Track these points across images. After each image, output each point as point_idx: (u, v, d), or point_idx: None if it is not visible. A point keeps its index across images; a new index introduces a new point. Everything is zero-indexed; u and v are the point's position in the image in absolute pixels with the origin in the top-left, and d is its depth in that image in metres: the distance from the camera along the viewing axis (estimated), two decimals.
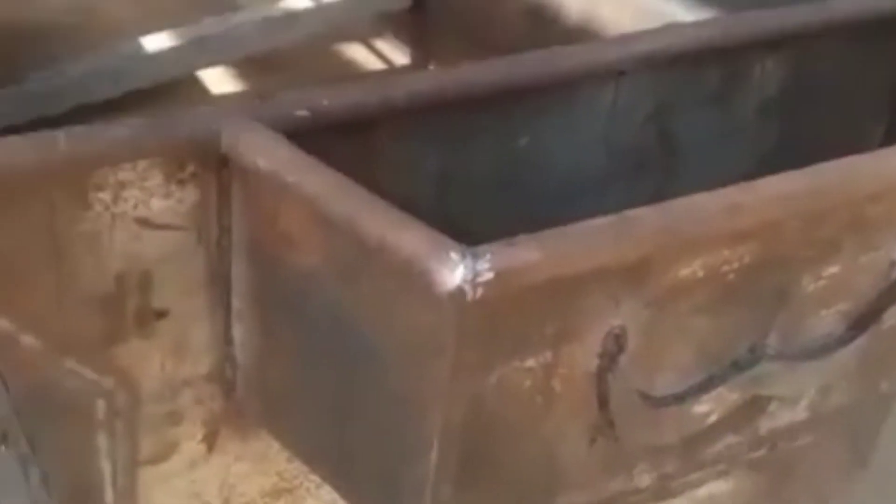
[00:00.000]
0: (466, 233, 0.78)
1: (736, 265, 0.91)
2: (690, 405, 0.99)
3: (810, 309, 1.01)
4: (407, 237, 0.75)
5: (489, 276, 0.72)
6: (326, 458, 0.98)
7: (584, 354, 0.88)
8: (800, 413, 1.12)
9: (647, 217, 0.80)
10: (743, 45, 1.15)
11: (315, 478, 1.14)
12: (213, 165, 0.89)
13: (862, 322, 1.05)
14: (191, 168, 0.89)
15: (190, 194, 0.90)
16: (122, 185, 0.86)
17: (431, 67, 2.05)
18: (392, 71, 2.00)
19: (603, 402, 0.92)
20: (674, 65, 1.11)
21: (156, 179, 0.87)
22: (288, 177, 0.81)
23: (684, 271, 0.88)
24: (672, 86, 1.14)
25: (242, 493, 1.10)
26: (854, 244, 0.98)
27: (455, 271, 0.72)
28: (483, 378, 0.83)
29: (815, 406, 1.12)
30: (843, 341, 1.05)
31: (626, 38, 1.11)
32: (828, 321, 1.04)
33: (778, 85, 1.22)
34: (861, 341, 1.06)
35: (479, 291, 0.72)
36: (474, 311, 0.75)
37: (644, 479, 1.07)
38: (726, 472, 1.50)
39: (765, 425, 1.09)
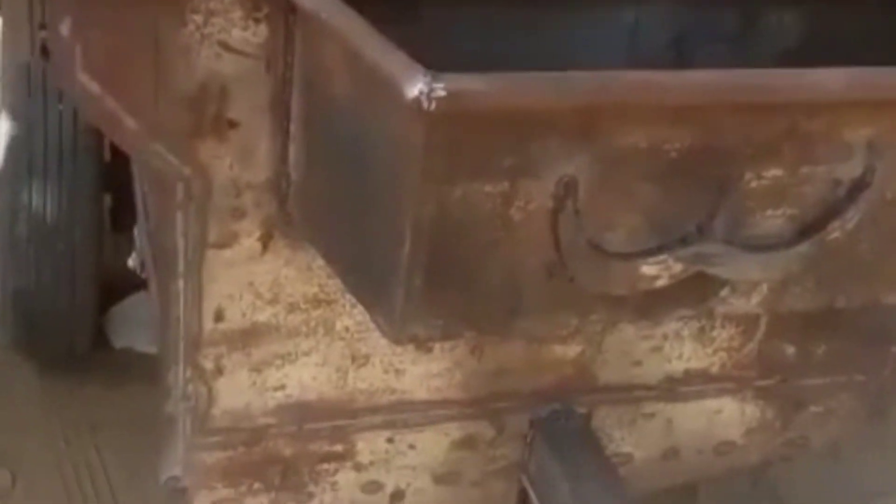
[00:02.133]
0: None
1: (678, 145, 1.11)
2: (638, 265, 1.19)
3: (756, 205, 1.19)
4: (390, 60, 1.00)
5: (441, 93, 0.96)
6: (343, 258, 1.24)
7: (540, 193, 1.10)
8: (753, 306, 1.30)
9: (586, 76, 1.02)
10: None
11: (350, 298, 1.41)
12: (282, 10, 1.16)
13: (806, 229, 1.23)
14: (265, 10, 1.16)
15: (263, 30, 1.17)
16: (212, 13, 1.15)
17: None
18: None
19: (556, 242, 1.15)
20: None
21: (237, 13, 1.15)
22: (323, 14, 1.07)
23: (629, 138, 1.09)
24: (691, 19, 1.34)
25: (290, 294, 1.38)
26: (793, 153, 1.16)
27: (416, 85, 0.96)
28: (448, 189, 1.06)
29: (769, 303, 1.30)
30: (787, 243, 1.23)
31: None
32: (775, 222, 1.22)
33: (796, 37, 1.40)
34: (805, 248, 1.23)
35: (433, 104, 0.96)
36: (434, 123, 0.99)
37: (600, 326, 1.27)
38: (737, 391, 1.69)
39: (718, 308, 1.28)
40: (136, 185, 1.96)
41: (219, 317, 1.35)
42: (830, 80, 1.13)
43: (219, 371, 1.39)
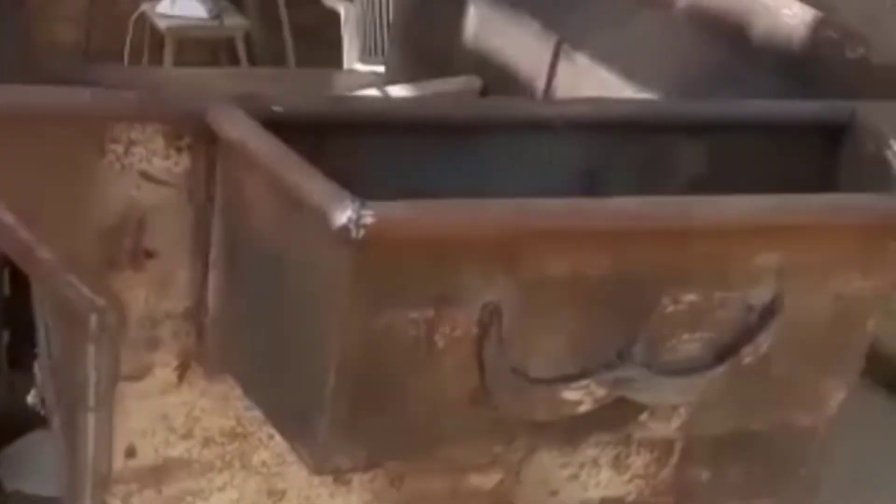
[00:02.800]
0: None
1: (597, 272, 1.14)
2: (560, 390, 1.20)
3: (673, 329, 1.22)
4: (319, 189, 1.00)
5: (370, 220, 0.97)
6: (264, 392, 1.22)
7: (464, 320, 1.11)
8: (672, 431, 1.32)
9: (501, 204, 1.04)
10: (665, 127, 1.39)
11: (268, 430, 1.38)
12: (204, 140, 1.16)
13: (721, 354, 1.26)
14: (187, 140, 1.16)
15: (184, 160, 1.17)
16: (132, 143, 1.14)
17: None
18: None
19: (481, 369, 1.15)
20: (601, 132, 1.35)
21: (158, 143, 1.15)
22: (248, 143, 1.08)
23: (550, 265, 1.11)
24: (601, 151, 1.38)
25: (205, 427, 1.34)
26: (707, 278, 1.19)
27: (345, 212, 0.97)
28: (373, 318, 1.06)
29: (687, 428, 1.32)
30: (704, 367, 1.26)
31: (558, 101, 1.36)
32: (691, 346, 1.25)
33: (702, 167, 1.45)
34: (720, 371, 1.26)
35: (362, 232, 0.97)
36: (362, 250, 1.00)
37: (521, 454, 1.27)
38: None
39: (637, 433, 1.30)
40: (37, 319, 1.91)
41: (130, 453, 1.31)
42: (741, 206, 1.17)
43: None
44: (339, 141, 1.21)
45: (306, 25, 4.34)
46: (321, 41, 4.20)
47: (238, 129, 1.10)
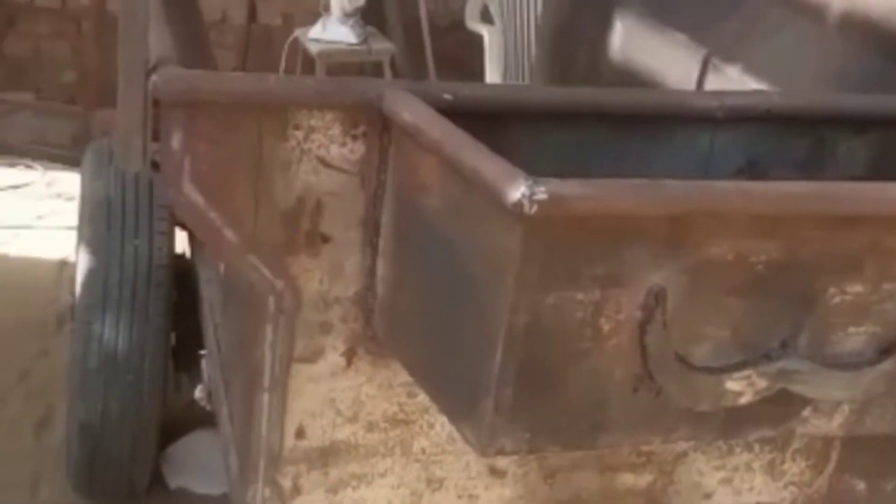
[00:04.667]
0: None
1: (763, 258, 1.14)
2: (723, 380, 1.20)
3: (838, 322, 1.21)
4: (491, 166, 1.04)
5: (543, 196, 1.00)
6: (430, 371, 1.25)
7: (629, 303, 1.12)
8: (834, 428, 1.30)
9: (674, 184, 1.06)
10: (829, 121, 1.38)
11: (429, 418, 1.42)
12: (378, 128, 1.21)
13: (888, 348, 1.24)
14: (362, 128, 1.22)
15: (359, 147, 1.22)
16: (312, 129, 1.20)
17: None
18: None
19: (644, 353, 1.16)
20: (764, 124, 1.36)
21: (336, 130, 1.21)
22: (423, 126, 1.12)
23: (716, 249, 1.12)
24: (762, 145, 1.38)
25: (370, 412, 1.39)
26: (875, 268, 1.18)
27: (518, 189, 1.00)
28: (542, 296, 1.09)
29: (850, 425, 1.30)
30: (870, 362, 1.24)
31: (720, 92, 1.37)
32: (857, 339, 1.23)
33: (864, 164, 1.44)
34: (888, 366, 1.24)
35: (535, 208, 1.00)
36: (534, 227, 1.03)
37: (683, 446, 1.27)
38: None
39: (799, 428, 1.28)
40: (205, 320, 2.00)
41: (300, 434, 1.36)
42: None
43: (297, 491, 1.39)
44: (505, 128, 1.25)
45: (448, 51, 4.43)
46: (463, 66, 4.28)
47: (413, 113, 1.15)
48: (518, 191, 1.01)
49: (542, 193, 1.00)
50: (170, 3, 1.57)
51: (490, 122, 1.24)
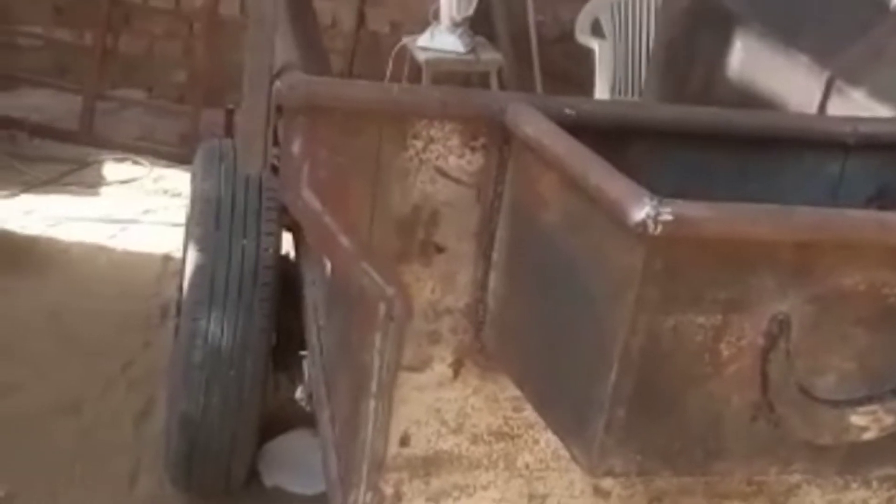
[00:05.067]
0: None
1: (895, 289, 1.10)
2: (847, 414, 1.16)
3: None
4: (615, 185, 1.02)
5: (668, 217, 0.97)
6: (539, 387, 1.23)
7: (752, 330, 1.09)
8: None
9: (806, 211, 1.02)
10: None
11: (534, 433, 1.40)
12: (498, 141, 1.20)
13: None
14: (482, 140, 1.20)
15: (478, 159, 1.21)
16: (431, 139, 1.19)
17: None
18: None
19: (765, 382, 1.12)
20: (894, 151, 1.31)
21: (455, 141, 1.20)
22: (546, 141, 1.10)
23: (847, 280, 1.08)
24: (893, 173, 1.33)
25: (474, 424, 1.37)
26: None
27: (643, 208, 0.98)
28: (662, 318, 1.06)
29: None
30: None
31: (853, 118, 1.32)
32: None
33: None
34: None
35: (659, 228, 0.97)
36: (657, 248, 1.00)
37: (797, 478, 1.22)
38: None
39: None
40: (308, 321, 2.01)
41: (404, 441, 1.36)
42: None
43: (398, 498, 1.38)
44: (627, 146, 1.22)
45: (556, 63, 4.40)
46: (571, 79, 4.24)
47: (536, 128, 1.13)
48: (643, 211, 0.98)
49: (667, 214, 0.98)
50: (291, 9, 1.57)
51: (611, 139, 1.22)
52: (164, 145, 4.15)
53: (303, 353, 2.03)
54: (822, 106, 2.17)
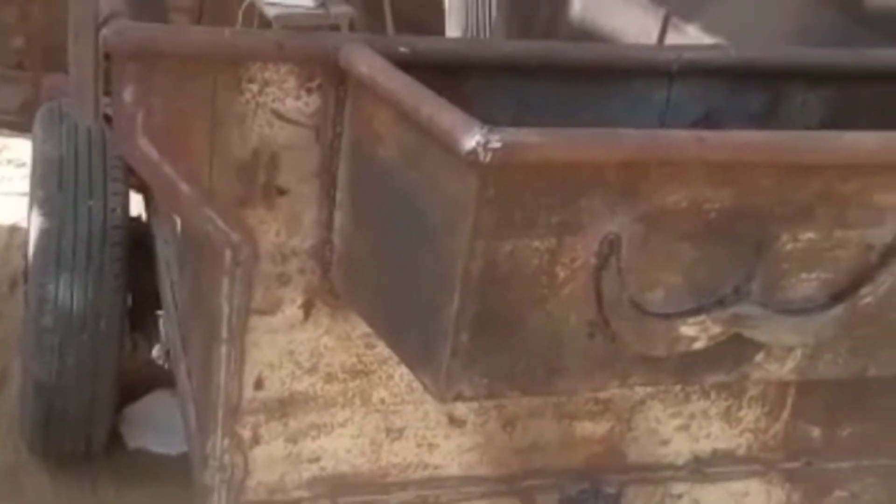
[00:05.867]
0: None
1: (717, 205, 1.16)
2: (677, 325, 1.22)
3: (791, 268, 1.23)
4: (446, 116, 1.05)
5: (497, 144, 1.01)
6: (387, 321, 1.26)
7: (584, 250, 1.14)
8: (787, 372, 1.32)
9: (628, 133, 1.07)
10: (784, 75, 1.40)
11: (388, 368, 1.43)
12: (334, 81, 1.21)
13: (839, 294, 1.26)
14: (318, 81, 1.21)
15: (315, 101, 1.22)
16: (267, 83, 1.20)
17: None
18: None
19: (599, 300, 1.17)
20: (720, 77, 1.37)
21: (291, 83, 1.21)
22: (379, 78, 1.12)
23: (670, 198, 1.13)
24: (718, 98, 1.40)
25: (328, 363, 1.39)
26: (827, 216, 1.20)
27: (473, 137, 1.01)
28: (498, 244, 1.10)
29: (802, 370, 1.32)
30: (821, 307, 1.26)
31: (677, 46, 1.38)
32: (809, 285, 1.26)
33: (819, 117, 1.46)
34: (838, 311, 1.27)
35: (490, 156, 1.01)
36: (489, 175, 1.04)
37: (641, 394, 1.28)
38: (763, 473, 1.69)
39: (753, 373, 1.30)
40: (161, 277, 1.99)
41: (258, 385, 1.37)
42: (863, 143, 1.18)
43: (256, 441, 1.40)
44: (463, 81, 1.25)
45: (408, 13, 4.40)
46: (424, 29, 4.23)
47: (369, 65, 1.15)
48: (473, 139, 1.01)
49: (496, 142, 1.01)
50: None
51: (448, 75, 1.24)
52: (4, 114, 4.01)
53: (160, 312, 2.02)
54: (660, 41, 2.25)
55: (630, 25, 2.41)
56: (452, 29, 4.14)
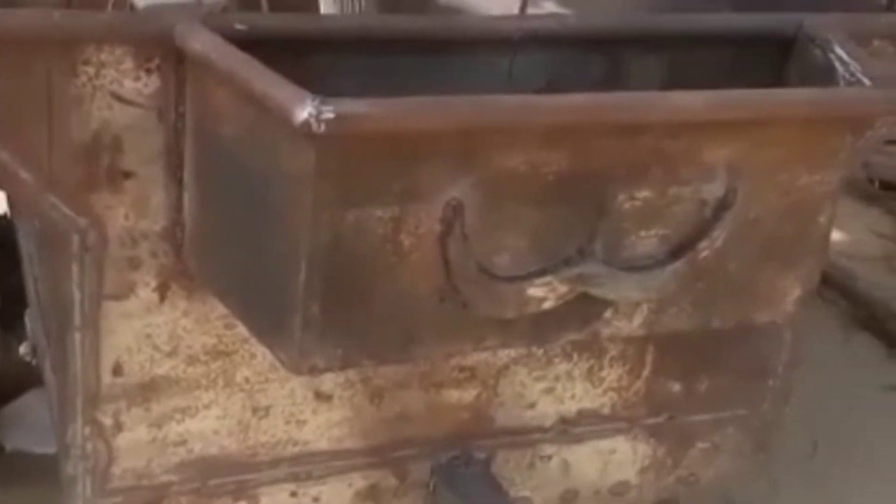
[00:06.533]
0: None
1: (554, 168, 1.19)
2: (525, 287, 1.26)
3: (630, 226, 1.28)
4: (280, 90, 1.06)
5: (330, 115, 1.02)
6: (241, 299, 1.27)
7: (428, 218, 1.16)
8: (635, 327, 1.37)
9: (462, 99, 1.10)
10: (623, 41, 1.44)
11: (250, 348, 1.43)
12: (172, 60, 1.21)
13: (678, 249, 1.31)
14: (157, 61, 1.21)
15: (154, 81, 1.22)
16: (103, 64, 1.19)
17: None
18: None
19: (447, 266, 1.20)
20: (561, 45, 1.40)
21: (128, 64, 1.20)
22: (213, 56, 1.12)
23: (509, 162, 1.17)
24: (561, 66, 1.43)
25: (188, 345, 1.39)
26: (661, 173, 1.25)
27: (305, 108, 1.02)
28: (341, 215, 1.12)
29: (650, 324, 1.37)
30: (661, 263, 1.31)
31: (518, 16, 1.41)
32: (649, 242, 1.30)
33: (658, 81, 1.50)
34: (678, 266, 1.32)
35: (323, 126, 1.02)
36: (324, 146, 1.05)
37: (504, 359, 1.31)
38: (628, 430, 1.75)
39: (603, 330, 1.35)
40: (26, 271, 1.96)
41: (117, 371, 1.36)
42: (689, 101, 1.23)
43: (118, 427, 1.39)
44: (310, 58, 1.26)
45: (285, 3, 4.38)
46: (300, 12, 4.24)
47: (203, 43, 1.15)
48: (305, 110, 1.03)
49: (329, 112, 1.03)
50: None
51: (296, 52, 1.25)
52: None
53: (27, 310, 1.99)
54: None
55: (493, 3, 2.45)
56: (327, 10, 4.14)
